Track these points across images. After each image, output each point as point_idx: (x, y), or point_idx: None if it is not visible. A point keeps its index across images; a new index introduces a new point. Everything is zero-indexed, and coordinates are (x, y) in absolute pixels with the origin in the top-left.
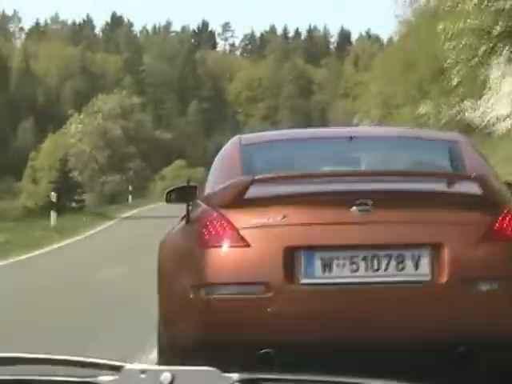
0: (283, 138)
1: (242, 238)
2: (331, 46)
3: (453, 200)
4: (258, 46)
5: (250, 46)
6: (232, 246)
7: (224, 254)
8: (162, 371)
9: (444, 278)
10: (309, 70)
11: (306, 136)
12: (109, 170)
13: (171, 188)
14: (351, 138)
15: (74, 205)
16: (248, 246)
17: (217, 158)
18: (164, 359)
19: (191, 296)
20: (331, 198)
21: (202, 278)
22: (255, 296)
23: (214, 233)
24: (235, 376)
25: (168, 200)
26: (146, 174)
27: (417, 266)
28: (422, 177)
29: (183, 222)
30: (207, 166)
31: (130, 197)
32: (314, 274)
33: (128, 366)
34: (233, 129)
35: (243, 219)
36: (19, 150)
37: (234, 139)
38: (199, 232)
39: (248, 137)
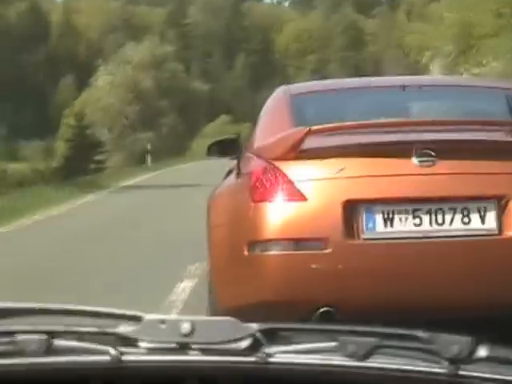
0: (333, 87)
1: (299, 192)
2: None
3: None
4: None
5: None
6: (288, 200)
7: (280, 209)
8: (182, 321)
9: (511, 232)
10: (360, 20)
11: (357, 85)
12: (140, 126)
13: (215, 140)
14: (404, 87)
15: (92, 166)
16: (305, 199)
17: (263, 110)
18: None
19: (246, 253)
20: (392, 149)
21: (258, 234)
22: (313, 252)
23: (269, 186)
24: (255, 326)
25: (209, 153)
26: (182, 131)
27: (483, 220)
28: (486, 126)
29: (232, 176)
30: (255, 120)
31: (149, 158)
32: (374, 229)
33: (148, 316)
34: (282, 83)
35: (299, 172)
36: (60, 107)
37: (282, 89)
38: (253, 186)
39: (296, 87)
